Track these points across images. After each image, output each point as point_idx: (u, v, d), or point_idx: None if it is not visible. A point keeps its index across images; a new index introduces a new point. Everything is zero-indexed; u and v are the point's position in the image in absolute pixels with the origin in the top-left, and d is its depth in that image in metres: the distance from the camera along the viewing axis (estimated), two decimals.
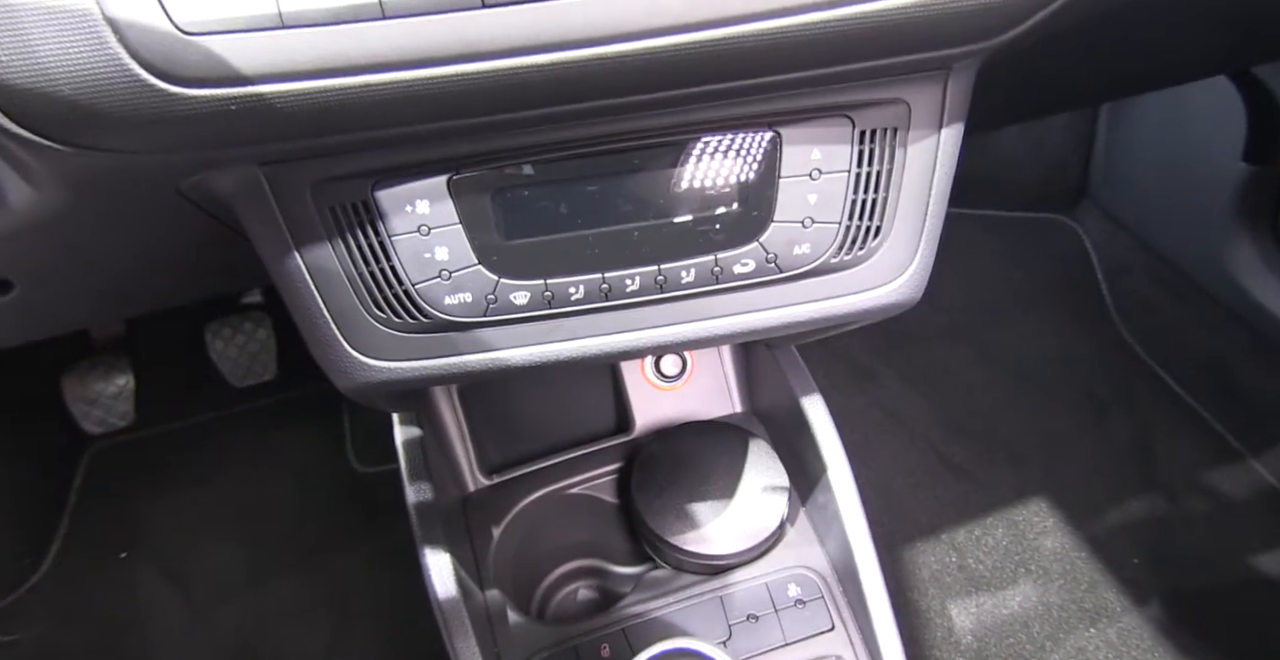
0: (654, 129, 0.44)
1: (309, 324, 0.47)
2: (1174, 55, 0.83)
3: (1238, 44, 0.89)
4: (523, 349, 0.48)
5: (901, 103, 0.45)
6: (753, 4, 0.37)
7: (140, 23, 0.36)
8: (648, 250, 0.46)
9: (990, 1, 0.39)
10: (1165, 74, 0.99)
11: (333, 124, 0.40)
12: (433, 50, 0.37)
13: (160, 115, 0.37)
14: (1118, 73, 0.83)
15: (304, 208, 0.44)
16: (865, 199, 0.47)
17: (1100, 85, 0.91)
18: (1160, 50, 0.80)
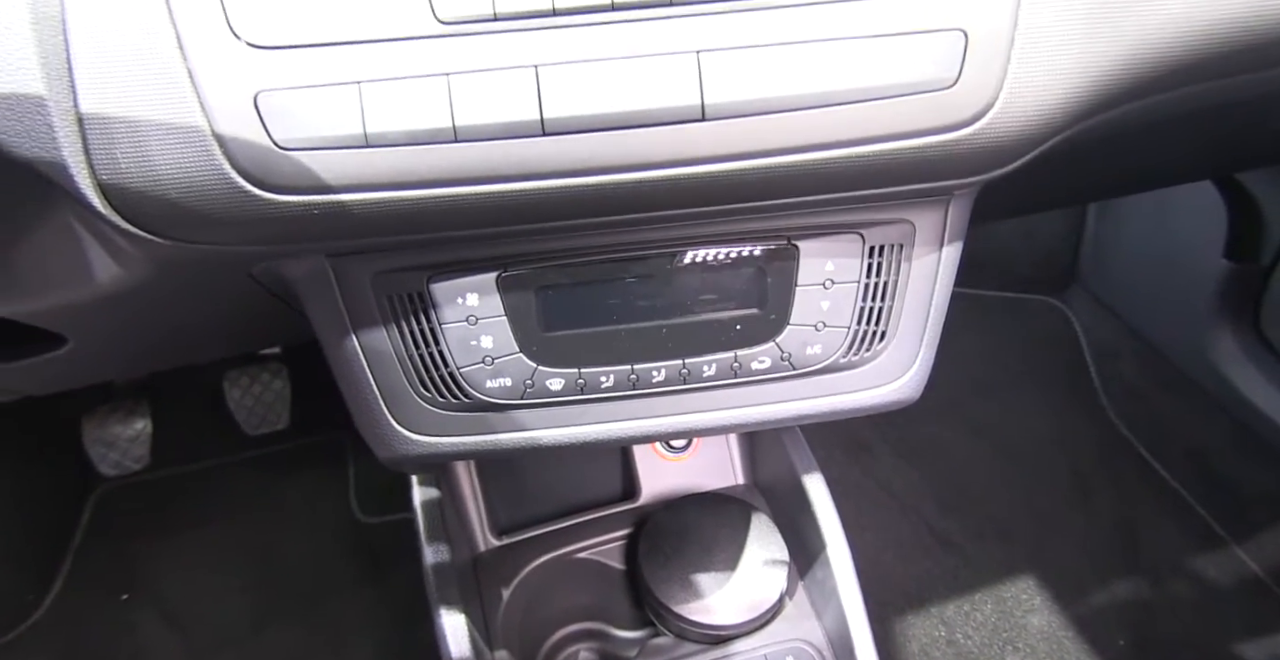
0: (685, 238, 0.49)
1: (359, 399, 0.51)
2: (1161, 167, 0.89)
3: (1222, 158, 0.95)
4: (555, 430, 0.52)
5: (908, 223, 0.50)
6: (770, 142, 0.43)
7: (243, 138, 0.41)
8: (674, 345, 0.50)
9: (984, 148, 0.44)
10: (1153, 182, 1.05)
11: (401, 227, 0.44)
12: (497, 170, 0.42)
13: (252, 217, 0.42)
14: (1107, 181, 0.89)
15: (364, 296, 0.49)
16: (873, 306, 0.52)
17: (1090, 190, 0.97)
18: (1148, 163, 0.86)
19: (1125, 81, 0.46)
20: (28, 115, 0.40)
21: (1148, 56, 0.46)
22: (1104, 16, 0.44)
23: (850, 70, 0.42)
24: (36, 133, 0.40)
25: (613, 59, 0.41)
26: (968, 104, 0.43)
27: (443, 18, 0.40)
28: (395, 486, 1.36)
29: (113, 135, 0.40)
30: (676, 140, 0.42)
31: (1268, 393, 1.24)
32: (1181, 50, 0.46)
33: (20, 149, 0.40)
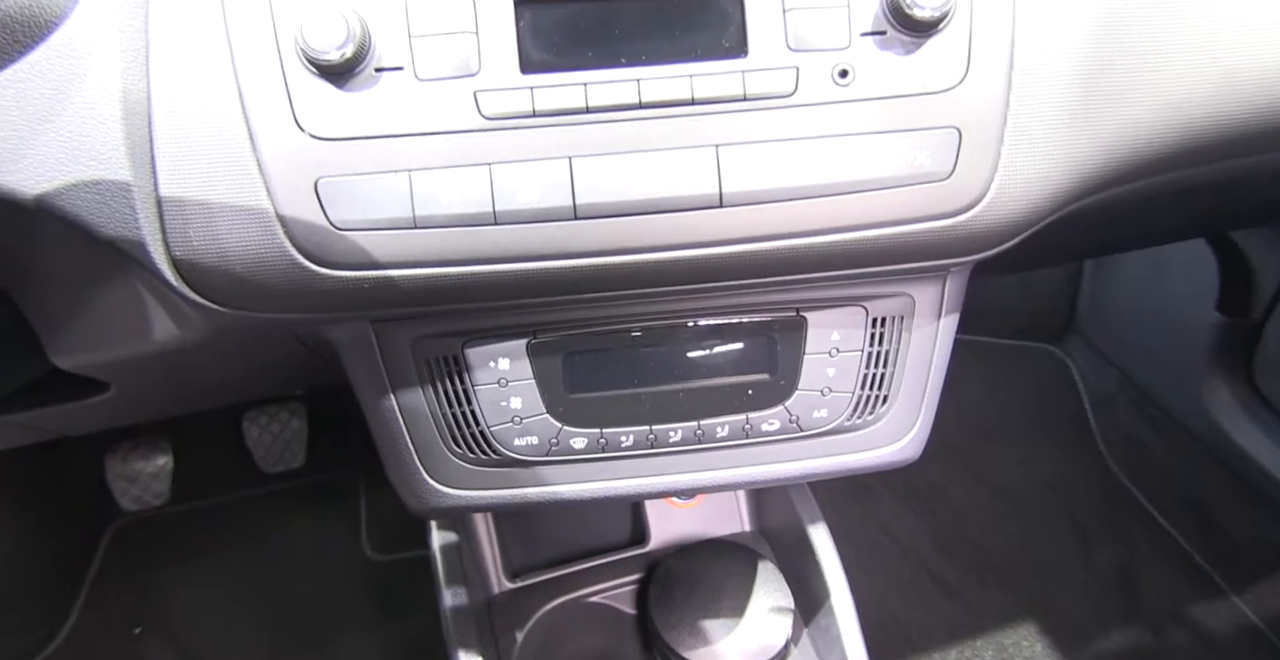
0: (702, 309, 0.53)
1: (394, 454, 0.55)
2: (1154, 231, 0.94)
3: (1211, 222, 0.99)
4: (577, 485, 0.55)
5: (908, 296, 0.54)
6: (782, 227, 0.47)
7: (303, 219, 0.45)
8: (690, 408, 0.54)
9: (977, 233, 0.48)
10: (1147, 242, 1.09)
11: (442, 299, 0.48)
12: (533, 251, 0.46)
13: (308, 290, 0.46)
14: (1102, 244, 0.93)
15: (403, 358, 0.53)
16: (876, 373, 0.55)
17: (1086, 251, 1.02)
18: (1141, 228, 0.90)
19: (1105, 172, 0.50)
20: (114, 200, 0.44)
21: (1125, 151, 0.50)
22: (1085, 116, 0.48)
23: (855, 163, 0.46)
24: (121, 215, 0.44)
25: (640, 151, 0.46)
26: (962, 194, 0.47)
27: (486, 114, 0.45)
28: (405, 525, 1.38)
29: (187, 217, 0.45)
30: (697, 225, 0.46)
31: (1262, 444, 1.27)
32: (1157, 145, 0.50)
33: (105, 229, 0.44)
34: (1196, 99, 0.50)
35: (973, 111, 0.47)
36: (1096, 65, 0.48)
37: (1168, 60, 0.49)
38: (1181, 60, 0.49)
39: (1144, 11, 0.48)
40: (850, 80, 0.46)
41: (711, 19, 0.46)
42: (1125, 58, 0.48)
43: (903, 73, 0.46)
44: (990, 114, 0.47)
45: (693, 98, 0.45)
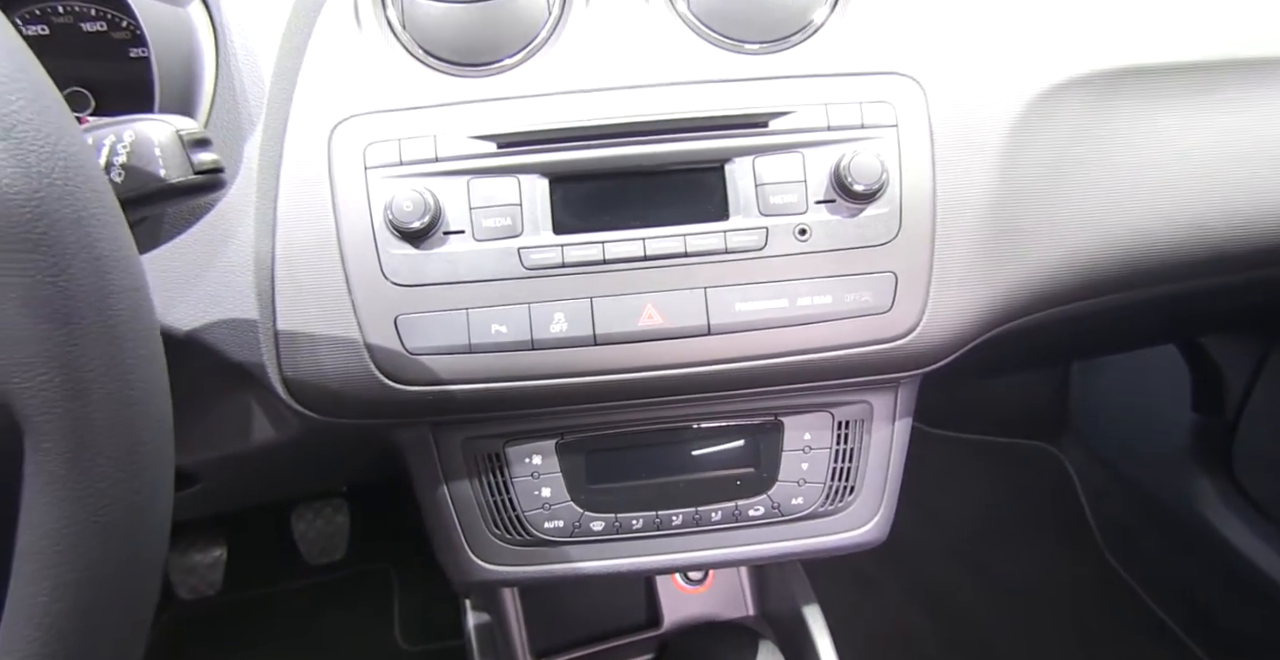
0: (697, 415, 0.65)
1: (444, 534, 0.66)
2: (1112, 341, 1.05)
3: (1167, 331, 1.11)
4: (596, 562, 0.66)
5: (866, 403, 0.66)
6: (758, 349, 0.60)
7: (385, 347, 0.58)
8: (688, 496, 0.66)
9: (915, 353, 0.61)
10: (1113, 349, 1.21)
11: (488, 408, 0.61)
12: (561, 370, 0.59)
13: (386, 401, 0.59)
14: (1069, 351, 1.05)
15: (454, 455, 0.65)
16: (842, 467, 0.67)
17: (1057, 357, 1.13)
18: (1098, 339, 1.02)
19: (1016, 305, 0.63)
20: (244, 334, 0.58)
21: (1031, 289, 0.63)
22: (995, 263, 0.62)
23: (814, 301, 0.59)
24: (248, 345, 0.58)
25: (645, 293, 0.59)
26: (900, 323, 0.60)
27: (527, 266, 0.58)
28: (435, 617, 1.46)
29: (297, 346, 0.58)
30: (690, 349, 0.59)
31: (1247, 537, 1.33)
32: (1055, 286, 0.63)
33: (235, 355, 0.58)
34: (1085, 254, 0.63)
35: (905, 260, 0.60)
36: (1000, 226, 0.61)
37: (1057, 227, 0.63)
38: (1069, 227, 0.63)
39: (1036, 192, 0.62)
40: (808, 237, 0.60)
41: (701, 193, 0.60)
42: (1023, 222, 0.62)
43: (849, 231, 0.60)
44: (919, 262, 0.60)
45: (686, 252, 0.59)
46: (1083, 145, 0.64)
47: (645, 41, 0.62)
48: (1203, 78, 0.66)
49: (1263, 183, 0.67)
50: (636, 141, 0.60)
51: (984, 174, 0.62)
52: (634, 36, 0.62)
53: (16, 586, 0.30)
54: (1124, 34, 0.66)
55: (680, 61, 0.62)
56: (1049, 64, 0.64)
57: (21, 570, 0.30)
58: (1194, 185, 0.66)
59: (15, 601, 0.30)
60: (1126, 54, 0.65)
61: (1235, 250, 0.67)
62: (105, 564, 0.31)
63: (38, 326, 0.29)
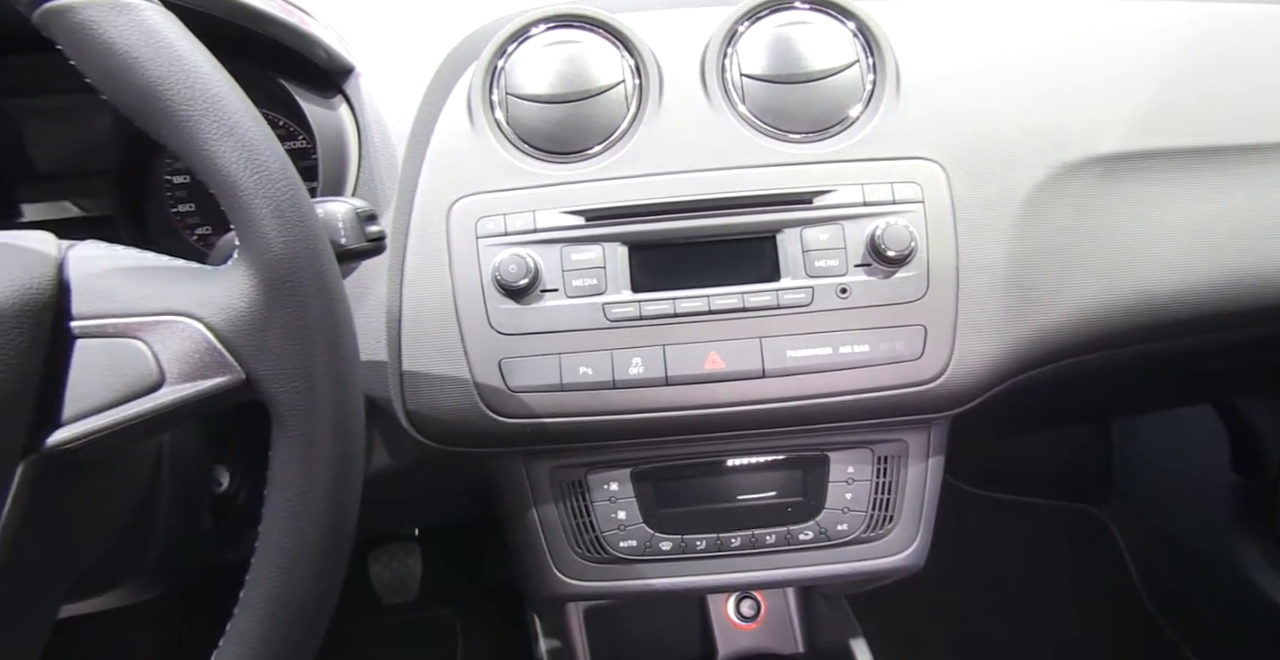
0: (754, 449, 0.75)
1: (531, 553, 0.76)
2: (1144, 397, 1.12)
3: (1194, 392, 1.16)
4: (664, 579, 0.75)
5: (903, 441, 0.75)
6: (805, 391, 0.70)
7: (490, 385, 0.69)
8: (745, 520, 0.75)
9: (944, 396, 0.70)
10: (1146, 407, 1.26)
11: (575, 438, 0.71)
12: (637, 407, 0.69)
13: (490, 432, 0.70)
14: (1102, 407, 1.11)
15: (543, 482, 0.75)
16: (883, 498, 0.75)
17: (1092, 413, 1.19)
18: (1130, 394, 1.09)
19: (1037, 354, 0.72)
20: (375, 373, 0.69)
21: (1050, 340, 0.72)
22: (1015, 316, 0.71)
23: (853, 349, 0.69)
24: (378, 382, 0.70)
25: (709, 342, 0.70)
26: (929, 369, 0.70)
27: (610, 318, 0.70)
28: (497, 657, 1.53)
29: (418, 384, 0.70)
30: (747, 390, 0.69)
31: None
32: (1074, 338, 0.72)
33: (367, 391, 0.70)
34: (1094, 311, 0.73)
35: (933, 315, 0.70)
36: (1016, 285, 0.71)
37: (1067, 287, 0.72)
38: (1078, 287, 0.73)
39: (1048, 257, 0.72)
40: (848, 295, 0.70)
41: (756, 258, 0.71)
42: (1037, 282, 0.72)
43: (884, 290, 0.70)
44: (945, 316, 0.70)
45: (744, 307, 0.70)
46: (1089, 217, 0.74)
47: (709, 133, 0.74)
48: (1197, 160, 0.77)
49: (1256, 252, 0.76)
50: (702, 215, 0.72)
51: (1000, 242, 0.72)
52: (700, 129, 0.74)
53: (267, 528, 0.41)
54: (1125, 122, 0.76)
55: (738, 149, 0.74)
56: (1056, 149, 0.74)
57: (269, 520, 0.41)
58: (1195, 253, 0.75)
59: (265, 541, 0.41)
60: (1128, 140, 0.76)
61: (1234, 308, 0.76)
62: (325, 516, 0.42)
63: (290, 347, 0.41)
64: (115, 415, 0.40)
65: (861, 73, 0.76)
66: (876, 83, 0.76)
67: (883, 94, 0.75)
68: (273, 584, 0.42)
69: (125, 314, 0.42)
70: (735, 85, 0.76)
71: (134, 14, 0.39)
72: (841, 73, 0.75)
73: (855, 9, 0.77)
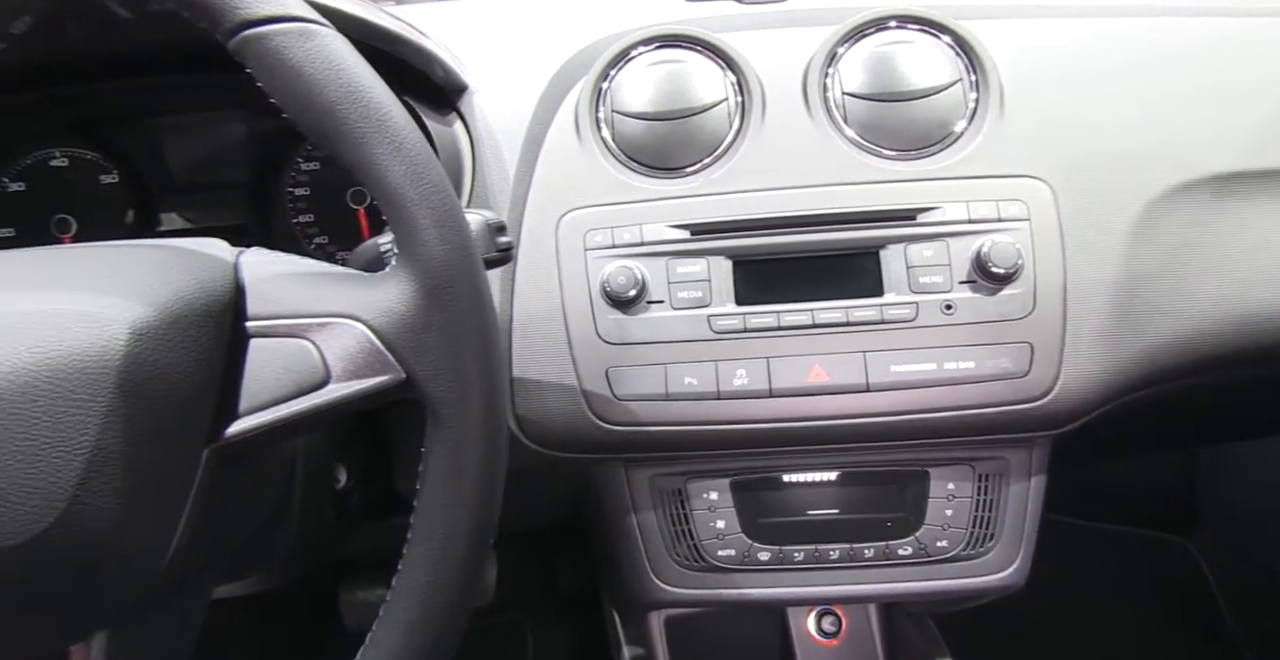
0: (855, 463, 0.75)
1: (629, 559, 0.77)
2: (1241, 422, 1.09)
3: None
4: (760, 589, 0.75)
5: (1004, 459, 0.75)
6: (910, 406, 0.70)
7: (597, 393, 0.71)
8: (845, 533, 0.75)
9: (1050, 414, 0.70)
10: (1241, 432, 1.23)
11: (677, 447, 0.73)
12: (741, 417, 0.71)
13: (596, 438, 0.72)
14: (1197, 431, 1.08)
15: (643, 490, 0.76)
16: (983, 515, 0.75)
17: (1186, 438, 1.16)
18: (1229, 418, 1.06)
19: (1144, 375, 0.71)
20: None
21: (1157, 361, 0.71)
22: (1122, 337, 0.71)
23: (958, 365, 0.70)
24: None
25: (813, 355, 0.70)
26: (1036, 387, 0.69)
27: (715, 330, 0.71)
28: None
29: (529, 391, 0.72)
30: (851, 403, 0.70)
31: None
32: (1182, 360, 0.71)
33: None
34: (1203, 332, 0.72)
35: (1040, 332, 0.70)
36: (1124, 304, 0.71)
37: (1176, 307, 0.72)
38: (1187, 307, 0.72)
39: (1156, 276, 0.72)
40: (953, 311, 0.70)
41: (859, 273, 0.72)
42: (1145, 302, 0.71)
43: (989, 307, 0.70)
44: (1052, 334, 0.70)
45: (848, 321, 0.71)
46: (1198, 237, 0.74)
47: (811, 150, 0.76)
48: None
49: None
50: (805, 231, 0.73)
51: (1109, 261, 0.71)
52: (802, 146, 0.76)
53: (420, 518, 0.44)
54: (1239, 141, 0.75)
55: (841, 166, 0.75)
56: (1168, 168, 0.74)
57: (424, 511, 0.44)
58: None
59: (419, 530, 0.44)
60: (1242, 160, 0.75)
61: None
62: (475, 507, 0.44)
63: (447, 349, 0.44)
64: (286, 409, 0.43)
65: (964, 90, 0.77)
66: (980, 100, 0.76)
67: (986, 111, 0.76)
68: (425, 572, 0.44)
69: (295, 315, 0.45)
70: (837, 103, 0.77)
71: (319, 40, 0.42)
72: (944, 91, 0.76)
73: (957, 27, 0.78)
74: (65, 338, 0.39)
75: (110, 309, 0.40)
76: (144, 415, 0.39)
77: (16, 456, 0.36)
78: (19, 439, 0.37)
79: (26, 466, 0.37)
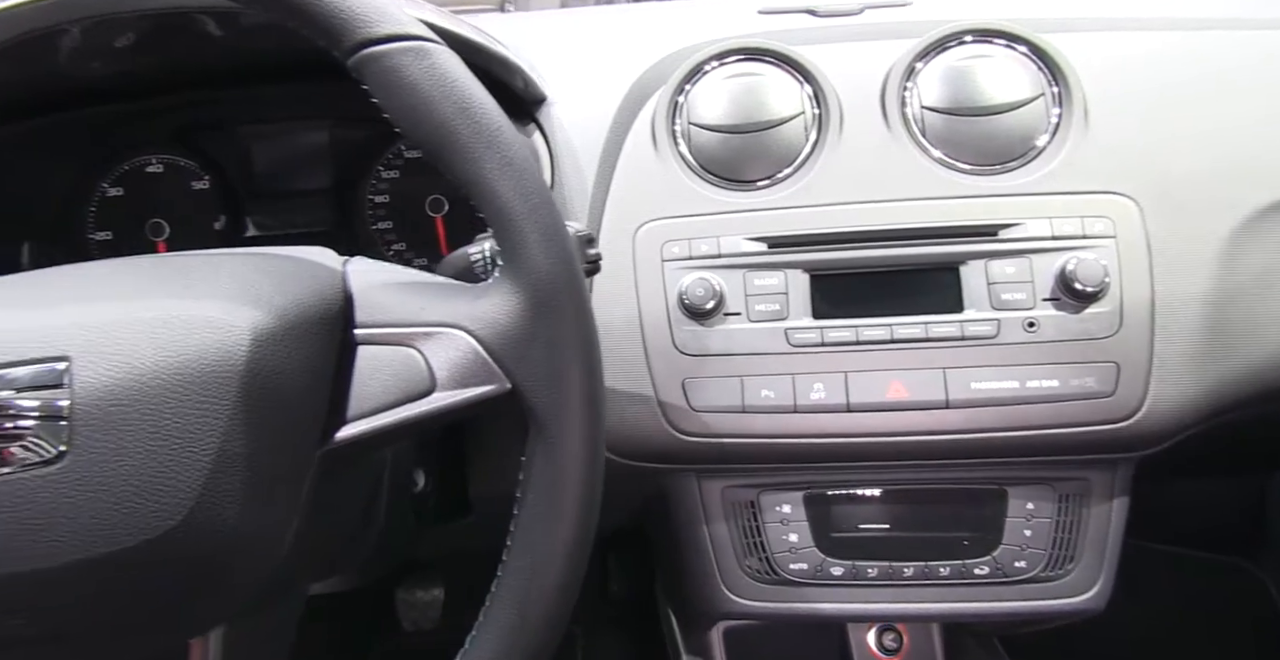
0: (932, 479, 0.74)
1: (700, 568, 0.77)
2: None
3: None
4: (832, 604, 0.75)
5: (1086, 480, 0.73)
6: (991, 423, 0.69)
7: (674, 404, 0.72)
8: (920, 550, 0.74)
9: (1135, 436, 0.68)
10: None
11: (752, 459, 0.73)
12: (817, 431, 0.71)
13: (671, 449, 0.72)
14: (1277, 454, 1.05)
15: (715, 501, 0.77)
16: (1063, 536, 0.73)
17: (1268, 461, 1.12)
18: None
19: (1234, 397, 0.70)
20: None
21: (1247, 384, 0.69)
22: (1211, 358, 0.69)
23: (1041, 383, 0.69)
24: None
25: (891, 370, 0.70)
26: (1122, 408, 0.68)
27: (792, 343, 0.71)
28: None
29: (608, 402, 0.73)
30: (930, 420, 0.70)
31: None
32: (1273, 382, 0.69)
33: None
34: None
35: (1127, 352, 0.68)
36: (1217, 323, 0.69)
37: (1272, 326, 0.69)
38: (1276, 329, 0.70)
39: (1246, 297, 0.70)
40: (1036, 329, 0.69)
41: (938, 288, 0.72)
42: (1240, 320, 0.70)
43: (1074, 325, 0.69)
44: (1140, 353, 0.68)
45: (927, 337, 0.70)
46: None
47: (890, 164, 0.75)
48: None
49: None
50: (884, 245, 0.72)
51: (1198, 280, 0.70)
52: (880, 160, 0.76)
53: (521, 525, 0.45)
54: None
55: (920, 180, 0.75)
56: (1261, 186, 0.72)
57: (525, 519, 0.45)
58: None
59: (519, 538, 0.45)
60: None
61: None
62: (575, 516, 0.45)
63: (551, 360, 0.44)
64: (393, 416, 0.45)
65: (1047, 104, 0.76)
66: (1063, 115, 0.75)
67: (1070, 126, 0.75)
68: (525, 578, 0.45)
69: (402, 324, 0.46)
70: (916, 117, 0.77)
71: (435, 58, 0.44)
72: (1027, 105, 0.75)
73: (1039, 40, 0.77)
74: (191, 343, 0.40)
75: (232, 315, 0.42)
76: (264, 419, 0.41)
77: (151, 455, 0.38)
78: (151, 439, 0.38)
79: (158, 466, 0.38)
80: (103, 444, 0.38)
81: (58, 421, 0.38)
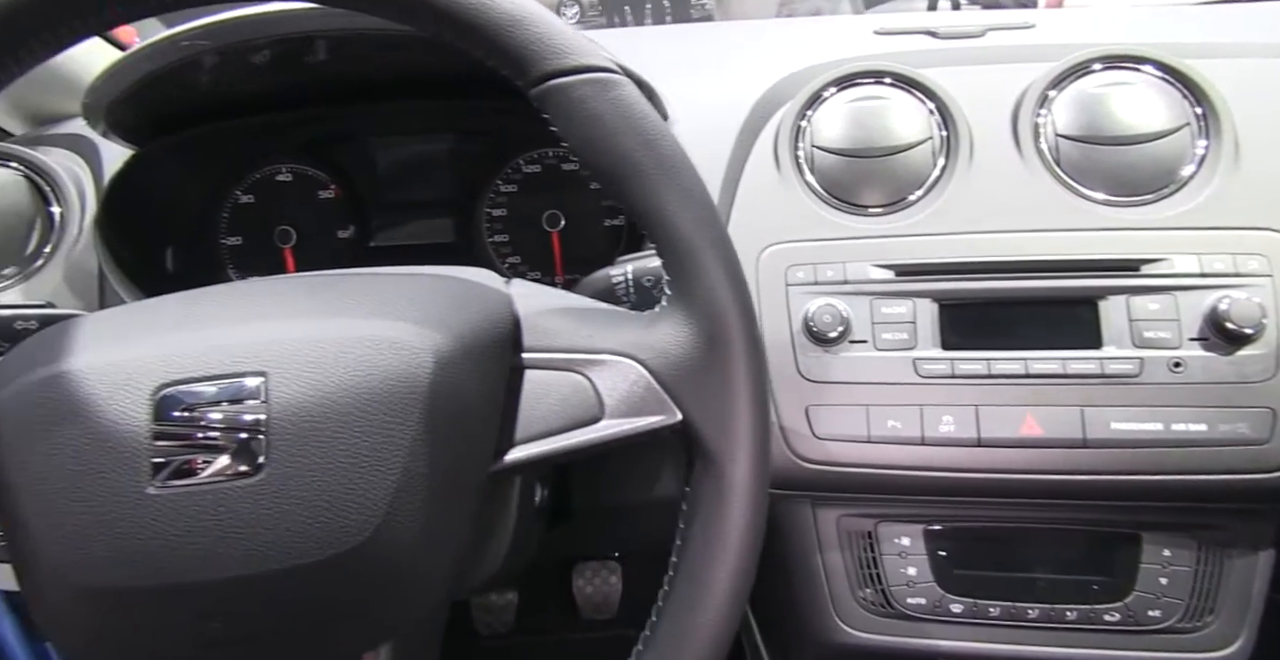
0: (1062, 520, 0.72)
1: (812, 598, 0.76)
2: None
3: None
4: (953, 642, 0.73)
5: (1229, 529, 0.70)
6: (1130, 466, 0.67)
7: (796, 430, 0.71)
8: (1047, 592, 0.72)
9: (1274, 488, 0.65)
10: None
11: (873, 490, 0.72)
12: (945, 465, 0.69)
13: (790, 475, 0.71)
14: None
15: (830, 529, 0.75)
16: (1202, 587, 0.70)
17: None
18: None
19: None
20: None
21: None
22: None
23: (1186, 427, 0.66)
24: None
25: (1025, 406, 0.68)
26: (1276, 457, 0.65)
27: (921, 374, 0.70)
28: None
29: None
30: (1065, 459, 0.67)
31: None
32: None
33: None
34: None
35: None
36: None
37: None
38: None
39: None
40: (1183, 369, 0.67)
41: (1075, 323, 0.69)
42: None
43: (1225, 367, 0.66)
44: None
45: (1065, 373, 0.68)
46: None
47: (1023, 192, 0.74)
48: None
49: None
50: (1017, 276, 0.71)
51: None
52: (1013, 188, 0.74)
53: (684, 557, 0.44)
54: None
55: (1055, 210, 0.73)
56: None
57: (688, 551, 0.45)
58: None
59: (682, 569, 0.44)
60: None
61: None
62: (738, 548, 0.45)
63: (723, 394, 0.44)
64: (561, 442, 0.45)
65: (1192, 134, 0.73)
66: (1210, 146, 0.73)
67: (1219, 158, 0.72)
68: (688, 608, 0.45)
69: (571, 350, 0.46)
70: (1050, 145, 0.75)
71: (619, 91, 0.44)
72: (1170, 135, 0.73)
73: (1183, 67, 0.74)
74: (379, 363, 0.41)
75: (415, 337, 0.42)
76: (444, 439, 0.42)
77: (342, 471, 0.39)
78: (342, 455, 0.39)
79: (349, 482, 0.39)
80: (298, 458, 0.39)
81: (256, 434, 0.39)
